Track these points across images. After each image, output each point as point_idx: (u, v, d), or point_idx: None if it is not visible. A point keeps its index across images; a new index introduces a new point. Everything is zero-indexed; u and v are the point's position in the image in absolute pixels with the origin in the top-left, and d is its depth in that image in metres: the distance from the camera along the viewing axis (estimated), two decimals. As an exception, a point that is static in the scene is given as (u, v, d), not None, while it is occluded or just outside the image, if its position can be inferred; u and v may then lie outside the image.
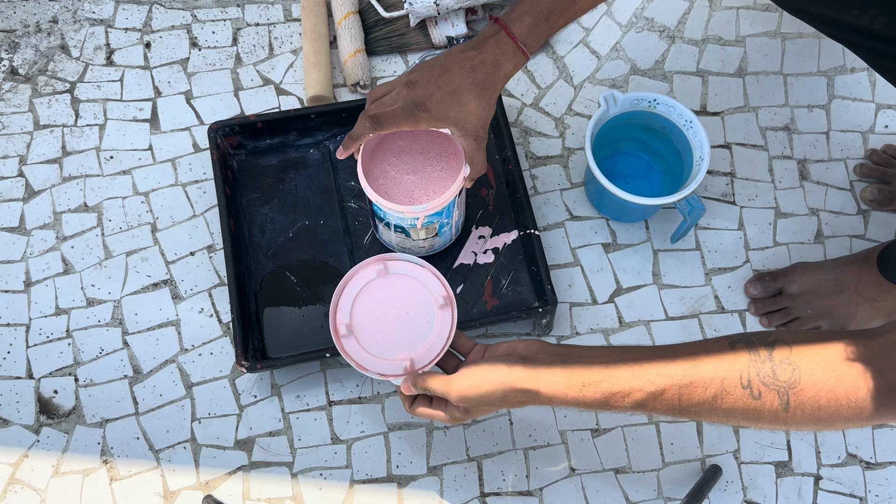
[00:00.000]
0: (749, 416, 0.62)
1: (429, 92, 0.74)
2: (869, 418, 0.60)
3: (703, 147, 0.91)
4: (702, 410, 0.63)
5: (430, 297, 0.75)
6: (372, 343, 0.74)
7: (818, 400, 0.60)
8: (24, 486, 0.88)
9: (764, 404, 0.61)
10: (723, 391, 0.61)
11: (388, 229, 0.89)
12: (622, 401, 0.64)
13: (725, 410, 0.62)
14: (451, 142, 0.84)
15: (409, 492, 0.89)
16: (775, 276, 0.96)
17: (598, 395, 0.64)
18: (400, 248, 0.94)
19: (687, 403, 0.62)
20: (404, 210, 0.82)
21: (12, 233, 0.99)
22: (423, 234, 0.88)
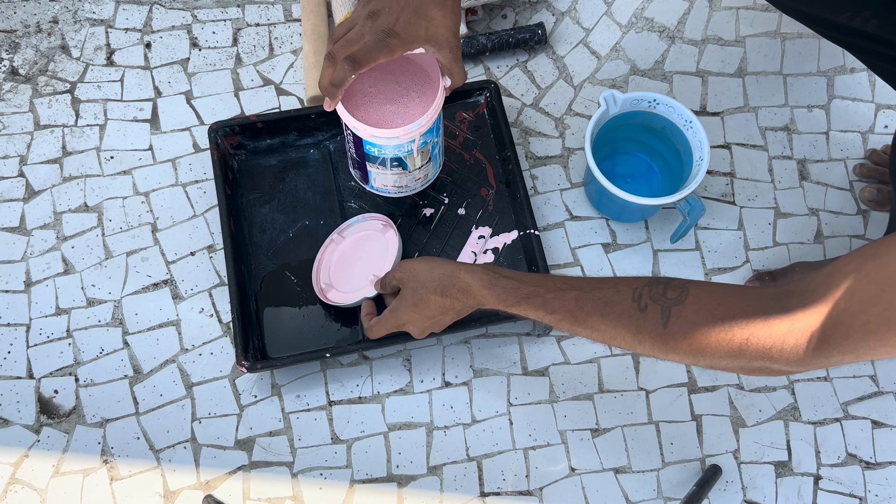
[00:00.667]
0: (631, 329, 0.65)
1: (394, 17, 0.73)
2: (735, 356, 0.60)
3: (702, 147, 0.91)
4: (593, 317, 0.67)
5: (375, 232, 0.94)
6: (348, 285, 0.92)
7: (696, 317, 0.61)
8: (24, 485, 0.88)
9: (646, 317, 0.63)
10: (614, 300, 0.66)
11: (383, 170, 0.89)
12: (527, 297, 0.71)
13: (613, 320, 0.66)
14: (421, 67, 0.84)
15: (409, 492, 0.89)
16: (775, 276, 0.96)
17: (508, 289, 0.72)
18: (397, 190, 0.94)
19: (582, 306, 0.67)
20: (401, 133, 0.81)
21: (12, 233, 0.99)
22: (419, 161, 0.89)
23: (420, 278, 0.78)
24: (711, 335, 0.60)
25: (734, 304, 0.60)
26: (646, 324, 0.63)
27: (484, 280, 0.74)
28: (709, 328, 0.60)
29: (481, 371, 0.94)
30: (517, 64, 1.09)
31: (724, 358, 0.61)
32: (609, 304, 0.66)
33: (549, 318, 0.70)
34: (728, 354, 0.60)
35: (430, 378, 0.93)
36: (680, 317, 0.62)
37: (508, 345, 0.95)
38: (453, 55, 0.77)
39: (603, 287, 0.68)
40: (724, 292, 0.62)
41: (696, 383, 0.94)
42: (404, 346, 0.94)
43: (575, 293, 0.69)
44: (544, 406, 0.93)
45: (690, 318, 0.61)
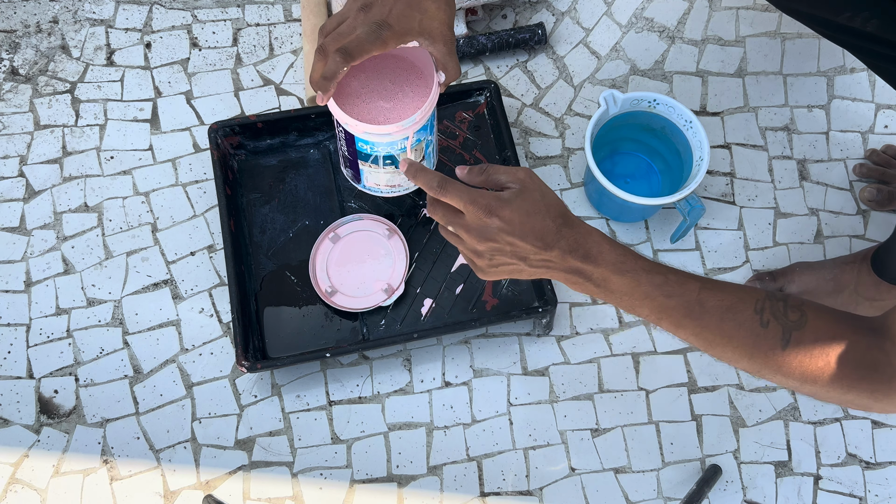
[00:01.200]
0: (749, 343, 0.63)
1: (387, 8, 0.70)
2: (845, 390, 0.61)
3: (702, 147, 0.91)
4: (710, 317, 0.64)
5: (377, 236, 0.95)
6: (354, 290, 0.93)
7: (814, 348, 0.61)
8: (24, 485, 0.88)
9: (767, 334, 0.62)
10: (736, 306, 0.63)
11: (375, 168, 0.85)
12: (652, 273, 0.65)
13: (731, 327, 0.63)
14: (414, 63, 0.82)
15: (409, 492, 0.89)
16: (775, 276, 0.96)
17: (632, 258, 0.65)
18: (389, 189, 0.89)
19: (703, 302, 0.64)
20: (394, 130, 0.78)
21: (13, 233, 0.99)
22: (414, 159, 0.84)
23: (548, 197, 0.67)
24: (827, 369, 0.61)
25: (849, 339, 0.61)
26: (765, 341, 0.62)
27: (607, 237, 0.67)
28: (826, 361, 0.61)
29: (481, 371, 0.94)
30: (517, 64, 1.09)
31: (833, 391, 0.62)
32: (731, 309, 0.63)
33: (657, 304, 0.65)
34: (838, 389, 0.61)
35: (430, 378, 0.93)
36: (800, 342, 0.61)
37: (508, 345, 0.95)
38: (447, 49, 0.74)
39: (725, 290, 0.65)
40: (838, 322, 0.62)
41: (696, 383, 0.94)
42: (404, 346, 0.94)
43: (698, 284, 0.64)
44: (544, 406, 0.93)
45: (809, 347, 0.61)
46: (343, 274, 0.94)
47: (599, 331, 0.96)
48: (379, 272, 0.94)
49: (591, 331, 0.96)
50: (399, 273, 0.93)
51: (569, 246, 0.65)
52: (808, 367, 0.61)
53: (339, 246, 0.95)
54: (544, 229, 0.65)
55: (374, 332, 0.92)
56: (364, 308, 0.92)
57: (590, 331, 0.96)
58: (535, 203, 0.66)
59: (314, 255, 0.94)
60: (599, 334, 0.95)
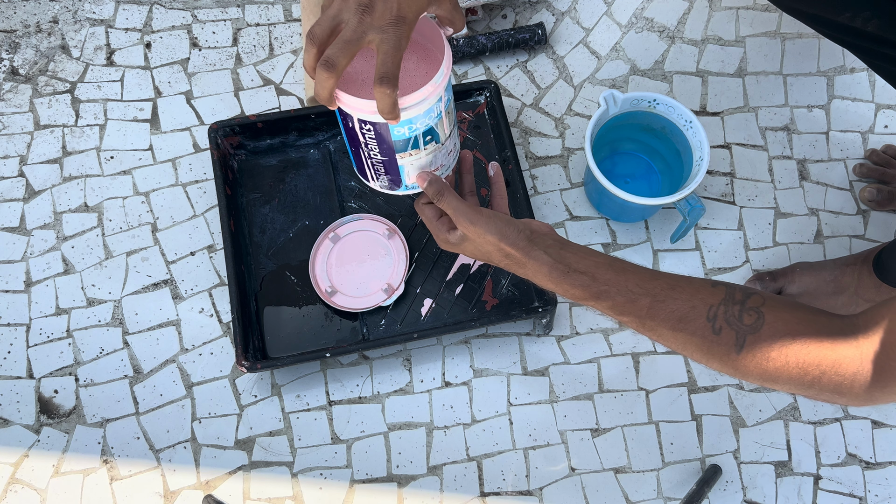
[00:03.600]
0: (703, 349, 0.64)
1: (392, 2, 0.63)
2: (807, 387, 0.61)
3: (702, 147, 0.91)
4: (663, 328, 0.65)
5: (377, 236, 0.96)
6: (355, 290, 0.93)
7: (770, 351, 0.61)
8: (24, 485, 0.88)
9: (720, 340, 0.62)
10: (688, 316, 0.64)
11: (416, 155, 0.76)
12: (597, 297, 0.68)
13: (684, 336, 0.64)
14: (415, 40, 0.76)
15: (409, 492, 0.89)
16: (775, 276, 0.96)
17: (577, 285, 0.68)
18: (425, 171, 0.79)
19: (653, 316, 0.65)
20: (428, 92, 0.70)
21: (13, 233, 0.99)
22: (448, 127, 0.78)
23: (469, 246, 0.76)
24: (785, 369, 0.61)
25: (809, 338, 0.60)
26: (718, 347, 0.63)
27: (553, 275, 0.69)
28: (783, 362, 0.61)
29: (481, 371, 0.94)
30: (517, 64, 1.09)
31: (795, 388, 0.62)
32: (683, 319, 0.64)
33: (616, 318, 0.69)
34: (799, 385, 0.61)
35: (430, 378, 0.93)
36: (754, 346, 0.61)
37: (508, 345, 0.95)
38: (453, 4, 0.70)
39: (677, 298, 0.65)
40: (799, 322, 0.62)
41: (696, 383, 0.94)
42: (404, 346, 0.94)
43: (648, 301, 0.66)
44: (544, 406, 0.93)
45: (765, 349, 0.61)
46: (343, 274, 0.94)
47: (599, 331, 0.96)
48: (379, 272, 0.94)
49: (591, 331, 0.96)
50: (399, 273, 0.93)
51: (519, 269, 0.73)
52: (766, 368, 0.61)
53: (339, 246, 0.95)
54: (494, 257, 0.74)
55: (374, 332, 0.92)
56: (364, 308, 0.92)
57: (590, 331, 0.96)
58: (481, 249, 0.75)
59: (314, 255, 0.95)
60: (599, 334, 0.95)
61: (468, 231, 0.74)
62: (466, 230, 0.74)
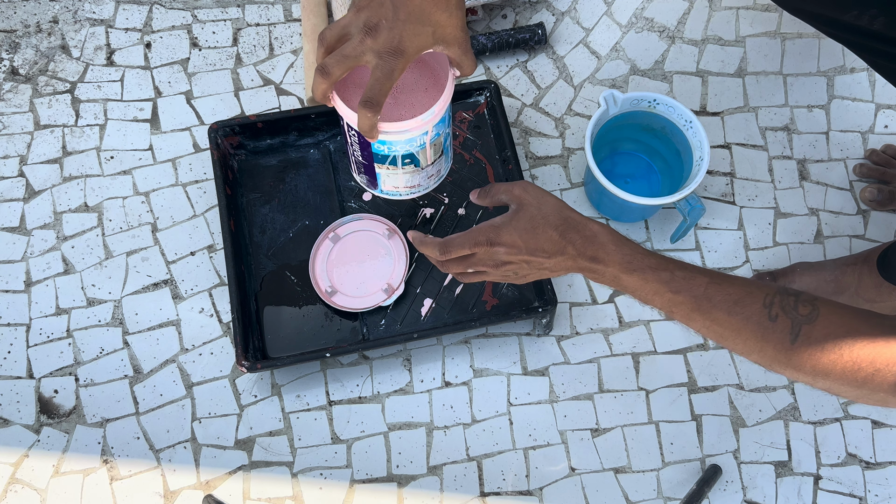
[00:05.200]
0: (758, 335, 0.63)
1: (397, 32, 0.65)
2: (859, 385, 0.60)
3: (702, 147, 0.91)
4: (719, 310, 0.65)
5: (378, 236, 0.95)
6: (355, 290, 0.93)
7: (825, 341, 0.61)
8: (24, 485, 0.88)
9: (776, 328, 0.62)
10: (744, 300, 0.64)
11: (393, 170, 0.82)
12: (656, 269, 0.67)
13: (739, 321, 0.64)
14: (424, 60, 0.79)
15: (409, 492, 0.89)
16: (775, 277, 0.96)
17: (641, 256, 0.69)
18: (408, 191, 0.87)
19: (710, 296, 0.65)
20: (413, 125, 0.74)
21: (13, 233, 0.99)
22: (432, 156, 0.82)
23: (545, 207, 0.71)
24: (839, 363, 0.61)
25: (864, 334, 0.60)
26: (773, 334, 0.63)
27: (614, 235, 0.70)
28: (837, 355, 0.60)
29: (481, 371, 0.94)
30: (517, 64, 1.09)
31: (846, 385, 0.61)
32: (739, 303, 0.64)
33: (666, 299, 0.67)
34: (851, 383, 0.61)
35: (430, 378, 0.93)
36: (809, 336, 0.61)
37: (508, 345, 0.95)
38: (462, 49, 0.71)
39: (734, 283, 0.66)
40: (853, 317, 0.62)
41: (696, 383, 0.94)
42: (404, 346, 0.94)
43: (706, 279, 0.66)
44: (544, 406, 0.93)
45: (820, 340, 0.61)
46: (343, 274, 0.94)
47: (599, 331, 0.96)
48: (379, 272, 0.94)
49: (591, 331, 0.96)
50: (399, 273, 0.93)
51: (576, 251, 0.69)
52: (820, 361, 0.61)
53: (339, 246, 0.95)
54: (548, 240, 0.69)
55: (374, 332, 0.92)
56: (364, 308, 0.92)
57: (590, 331, 0.96)
58: (531, 219, 0.70)
59: (314, 255, 0.95)
60: (599, 334, 0.95)
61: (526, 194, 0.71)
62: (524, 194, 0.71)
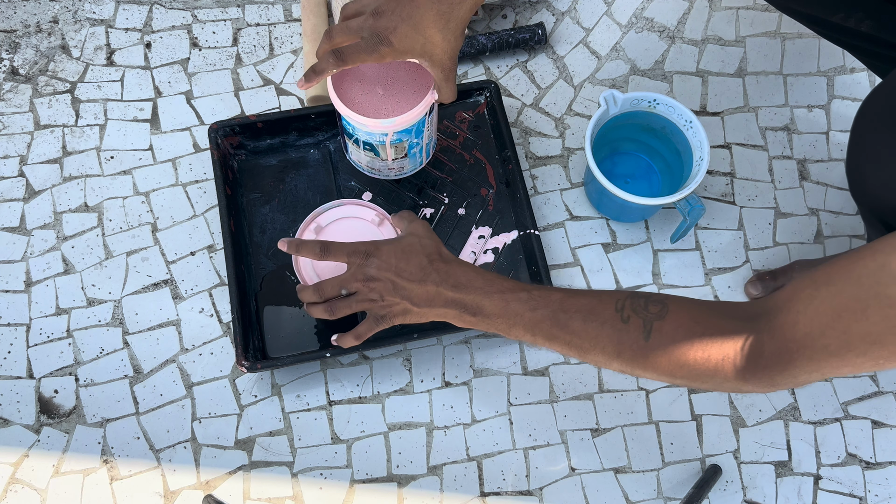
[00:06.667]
0: (614, 340, 0.65)
1: (393, 24, 0.73)
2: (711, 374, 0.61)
3: (702, 147, 0.91)
4: (575, 321, 0.67)
5: (365, 223, 0.89)
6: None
7: (676, 334, 0.62)
8: (24, 485, 0.88)
9: (629, 328, 0.64)
10: (597, 307, 0.66)
11: (357, 148, 0.89)
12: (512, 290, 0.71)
13: (595, 327, 0.66)
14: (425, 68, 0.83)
15: (409, 491, 0.89)
16: (775, 275, 0.96)
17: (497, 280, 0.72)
18: (370, 170, 0.94)
19: (566, 308, 0.67)
20: (370, 124, 0.82)
21: (13, 233, 0.99)
22: (393, 154, 0.88)
23: (425, 240, 0.77)
24: (690, 353, 0.62)
25: (712, 324, 0.62)
26: (628, 335, 0.64)
27: (477, 268, 0.75)
28: (688, 346, 0.62)
29: (481, 371, 0.94)
30: (517, 64, 1.09)
31: (700, 376, 0.62)
32: (592, 311, 0.67)
33: (527, 319, 0.69)
34: (704, 373, 0.62)
35: (430, 378, 0.93)
36: (661, 332, 0.63)
37: (508, 345, 0.95)
38: (444, 75, 0.78)
39: (587, 295, 0.69)
40: (702, 311, 0.63)
41: (696, 383, 0.94)
42: (404, 346, 0.94)
43: (560, 294, 0.69)
44: (544, 406, 0.93)
45: (671, 334, 0.63)
46: (332, 269, 0.87)
47: (599, 331, 0.96)
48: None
49: (591, 331, 0.96)
50: None
51: (440, 278, 0.73)
52: (673, 355, 0.62)
53: (323, 237, 0.89)
54: (417, 265, 0.74)
55: (374, 332, 0.92)
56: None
57: (590, 331, 0.96)
58: (409, 245, 0.75)
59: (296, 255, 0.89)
60: (599, 334, 0.95)
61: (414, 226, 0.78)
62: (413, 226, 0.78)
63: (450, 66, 0.77)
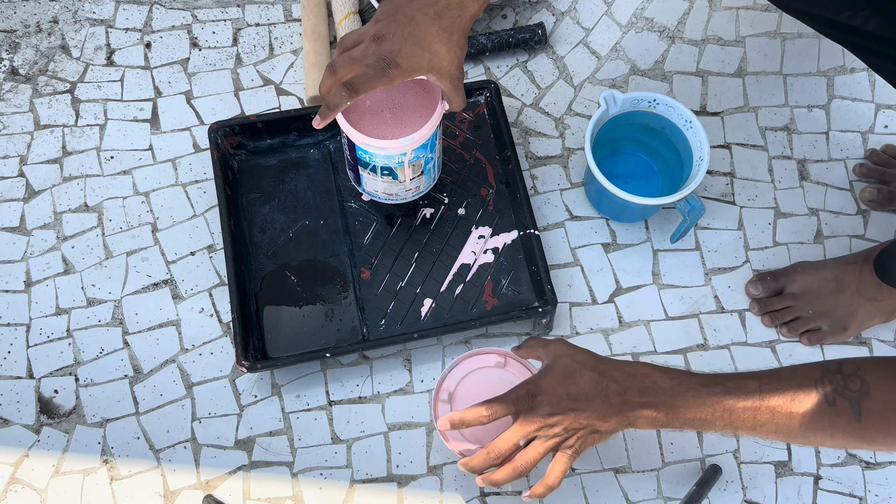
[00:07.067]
0: (825, 425, 0.64)
1: (397, 46, 0.72)
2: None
3: (702, 147, 0.91)
4: (780, 413, 0.65)
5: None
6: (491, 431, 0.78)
7: (886, 411, 0.62)
8: (24, 485, 0.88)
9: (838, 412, 0.63)
10: (799, 391, 0.64)
11: (373, 176, 0.88)
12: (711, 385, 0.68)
13: (803, 416, 0.64)
14: (425, 81, 0.84)
15: (409, 492, 0.89)
16: (776, 276, 0.96)
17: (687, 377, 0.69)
18: (387, 196, 0.93)
19: (766, 397, 0.65)
20: (390, 146, 0.81)
21: (13, 233, 0.99)
22: (410, 174, 0.88)
23: (578, 355, 0.73)
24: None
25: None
26: (839, 419, 0.64)
27: (652, 365, 0.71)
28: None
29: (481, 371, 0.94)
30: (517, 64, 1.09)
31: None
32: (795, 399, 0.65)
33: (729, 414, 0.67)
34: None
35: (430, 378, 0.93)
36: (871, 411, 0.63)
37: (508, 345, 0.95)
38: (454, 85, 0.77)
39: (781, 376, 0.67)
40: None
41: (696, 383, 0.94)
42: (404, 346, 0.94)
43: (756, 383, 0.66)
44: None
45: (881, 412, 0.63)
46: (469, 393, 0.84)
47: (599, 331, 0.96)
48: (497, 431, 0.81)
49: (591, 331, 0.96)
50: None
51: (620, 387, 0.69)
52: (889, 431, 0.63)
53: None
54: (588, 382, 0.70)
55: (374, 332, 0.92)
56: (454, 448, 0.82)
57: (590, 331, 0.96)
58: (567, 367, 0.71)
59: (469, 354, 0.85)
60: (599, 334, 0.95)
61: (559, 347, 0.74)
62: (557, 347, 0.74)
63: (458, 75, 0.77)
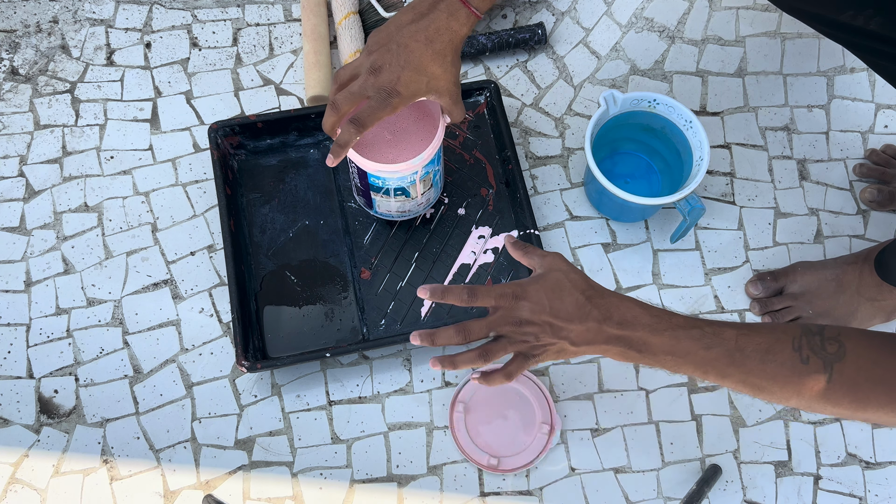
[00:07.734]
0: (794, 381, 0.65)
1: (395, 75, 0.75)
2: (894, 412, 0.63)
3: (702, 147, 0.91)
4: (752, 360, 0.65)
5: (535, 417, 0.89)
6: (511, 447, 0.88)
7: (857, 377, 0.63)
8: (24, 485, 0.88)
9: (810, 370, 0.64)
10: (774, 346, 0.65)
11: (387, 198, 0.90)
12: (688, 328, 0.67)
13: (774, 367, 0.65)
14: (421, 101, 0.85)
15: (409, 491, 0.89)
16: (776, 276, 0.96)
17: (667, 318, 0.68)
18: (400, 214, 0.94)
19: (742, 347, 0.66)
20: (402, 168, 0.83)
21: (13, 233, 0.99)
22: (422, 189, 0.90)
23: (572, 275, 0.72)
24: (873, 395, 0.63)
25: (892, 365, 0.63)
26: (809, 377, 0.64)
27: (638, 301, 0.70)
28: (871, 388, 0.63)
29: (481, 371, 0.94)
30: (517, 64, 1.09)
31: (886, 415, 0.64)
32: (770, 350, 0.65)
33: (699, 357, 0.67)
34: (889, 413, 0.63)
35: (430, 378, 0.93)
36: (842, 374, 0.63)
37: (508, 345, 0.95)
38: (453, 100, 0.80)
39: (759, 330, 0.67)
40: (879, 349, 0.64)
41: (696, 383, 0.94)
42: (404, 346, 0.94)
43: (734, 332, 0.67)
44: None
45: (852, 376, 0.63)
46: (490, 436, 0.89)
47: (599, 331, 0.96)
48: (526, 416, 0.90)
49: (591, 331, 0.95)
50: (544, 405, 0.90)
51: (601, 315, 0.69)
52: (859, 398, 0.63)
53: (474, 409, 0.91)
54: (573, 303, 0.69)
55: (374, 332, 0.92)
56: (535, 458, 0.88)
57: (590, 331, 0.95)
58: (557, 282, 0.70)
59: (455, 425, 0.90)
60: (599, 334, 0.95)
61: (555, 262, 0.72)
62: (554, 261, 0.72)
63: (456, 91, 0.79)
